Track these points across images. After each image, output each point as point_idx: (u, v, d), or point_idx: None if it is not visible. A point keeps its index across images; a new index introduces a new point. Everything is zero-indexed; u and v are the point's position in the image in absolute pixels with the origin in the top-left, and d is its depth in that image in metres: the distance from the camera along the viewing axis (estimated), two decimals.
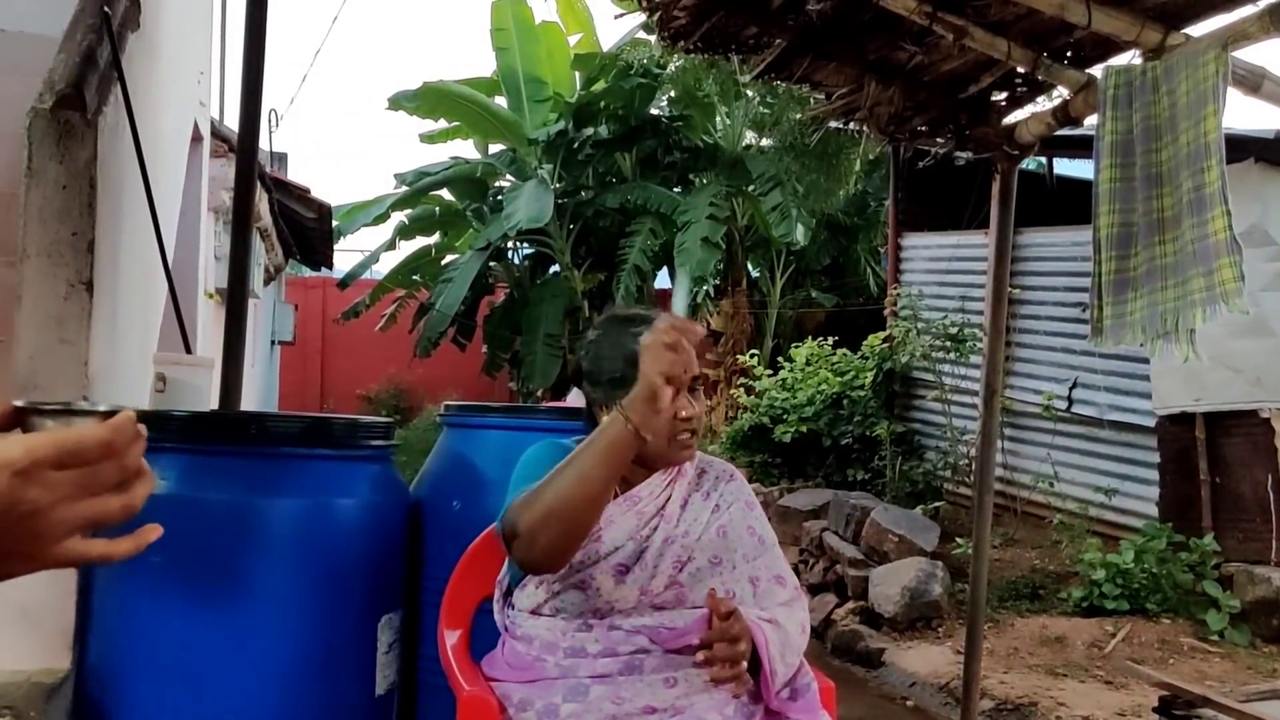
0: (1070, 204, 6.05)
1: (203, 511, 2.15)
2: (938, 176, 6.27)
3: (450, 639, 1.90)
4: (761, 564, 1.76)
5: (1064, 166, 7.37)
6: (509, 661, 1.71)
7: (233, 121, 6.53)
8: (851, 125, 3.61)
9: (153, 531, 0.75)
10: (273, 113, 13.78)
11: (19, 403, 0.72)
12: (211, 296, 5.52)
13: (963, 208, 6.82)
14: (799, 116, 8.39)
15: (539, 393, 10.92)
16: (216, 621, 2.13)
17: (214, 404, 2.99)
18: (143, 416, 2.25)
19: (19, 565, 0.72)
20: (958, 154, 3.47)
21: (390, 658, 2.34)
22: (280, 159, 12.04)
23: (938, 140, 3.36)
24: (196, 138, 4.74)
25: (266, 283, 9.35)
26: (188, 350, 3.14)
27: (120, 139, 2.61)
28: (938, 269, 7.43)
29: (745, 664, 1.57)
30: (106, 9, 2.54)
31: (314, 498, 2.25)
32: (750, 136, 11.30)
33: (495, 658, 1.75)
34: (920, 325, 6.91)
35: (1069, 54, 2.66)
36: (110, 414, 0.72)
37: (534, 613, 1.71)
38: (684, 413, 1.72)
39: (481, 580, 1.94)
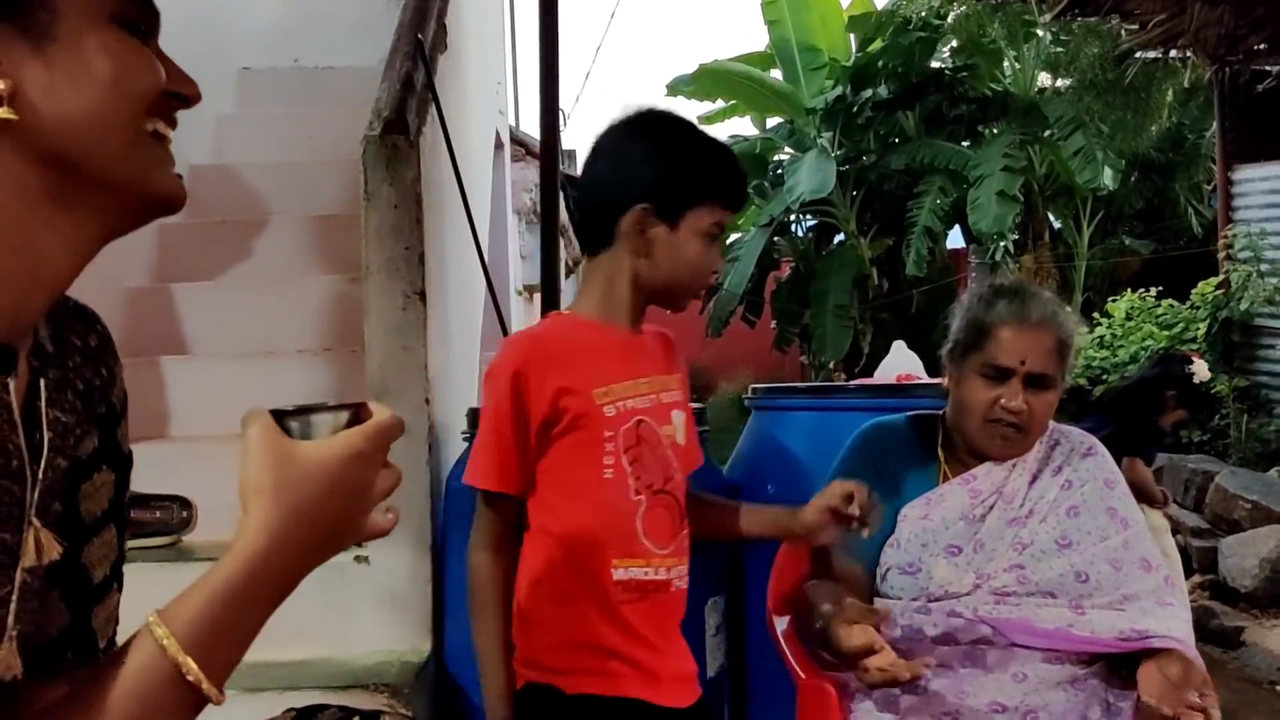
0: None
1: None
2: (1276, 99, 5.56)
3: (780, 625, 1.88)
4: (1121, 544, 1.60)
5: None
6: None
7: (526, 125, 6.89)
8: (1173, 54, 3.28)
9: (397, 512, 0.87)
10: (561, 113, 14.37)
11: (271, 408, 0.82)
12: (521, 293, 5.86)
13: None
14: (1098, 51, 7.73)
15: (830, 365, 10.78)
16: None
17: None
18: (479, 414, 2.36)
19: (349, 539, 0.82)
20: None
21: (718, 640, 2.37)
22: (570, 156, 12.57)
23: None
24: (498, 145, 5.03)
25: (566, 276, 9.82)
26: None
27: (438, 155, 2.80)
28: None
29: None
30: (420, 35, 2.72)
31: None
32: (1044, 79, 10.56)
33: None
34: (1264, 266, 6.18)
35: None
36: (341, 406, 0.82)
37: None
38: (1005, 402, 1.60)
39: (805, 565, 1.91)
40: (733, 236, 12.66)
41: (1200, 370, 3.66)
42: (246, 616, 0.77)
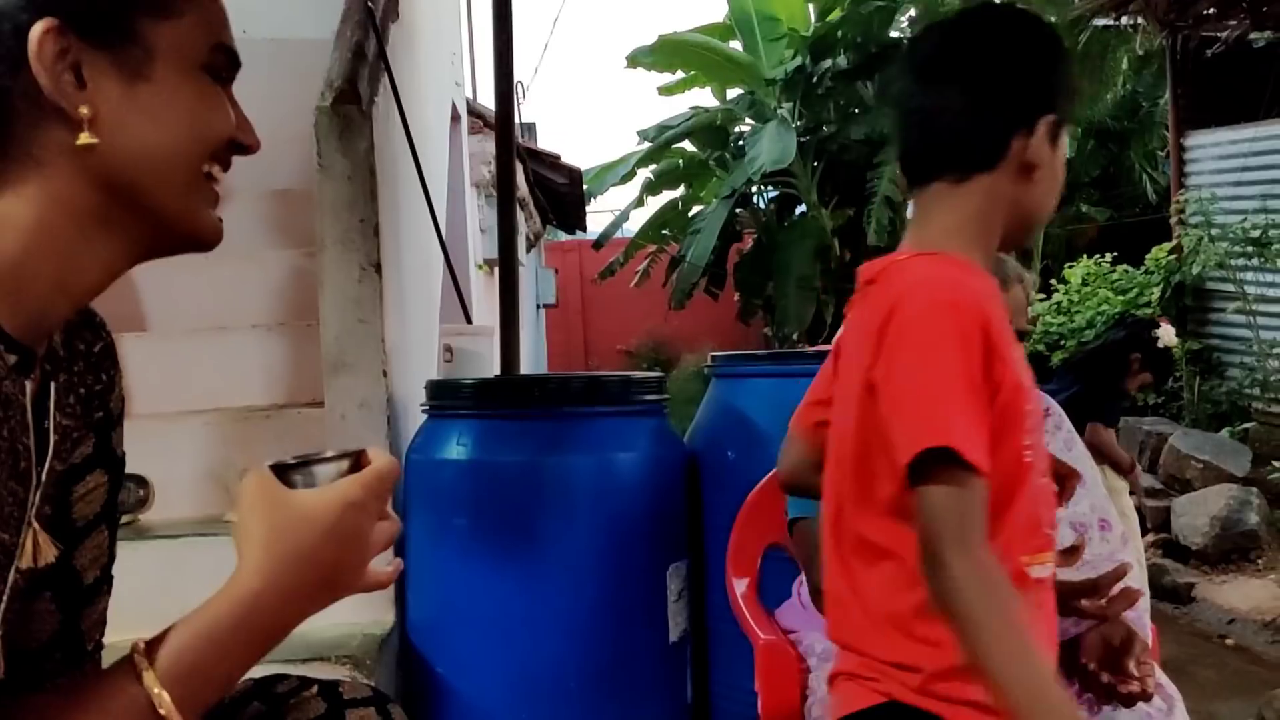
0: None
1: (497, 473, 2.27)
2: (1226, 65, 5.62)
3: (739, 587, 1.91)
4: (1084, 508, 1.62)
5: None
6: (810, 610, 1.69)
7: (484, 98, 6.83)
8: (1124, 20, 3.31)
9: (398, 565, 0.89)
10: (519, 85, 14.28)
11: (270, 463, 0.82)
12: (481, 268, 5.82)
13: (1258, 97, 6.10)
14: (1055, 19, 7.77)
15: (794, 336, 10.84)
16: (517, 575, 2.25)
17: (495, 369, 3.16)
18: (437, 386, 2.38)
19: (344, 590, 0.83)
20: (1254, 35, 3.11)
21: (680, 605, 2.40)
22: (529, 129, 12.49)
23: (1229, 23, 3.02)
24: (454, 117, 4.98)
25: (528, 250, 9.77)
26: (468, 321, 3.32)
27: (391, 126, 2.77)
28: (1231, 167, 6.70)
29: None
30: (370, 3, 2.69)
31: (597, 454, 2.32)
32: None
33: (792, 607, 1.75)
34: (1214, 231, 6.27)
35: None
36: (341, 455, 0.83)
37: None
38: None
39: (763, 529, 1.93)
40: (694, 209, 12.65)
41: (1166, 335, 3.70)
42: (230, 657, 0.78)
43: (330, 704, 1.05)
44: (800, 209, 11.81)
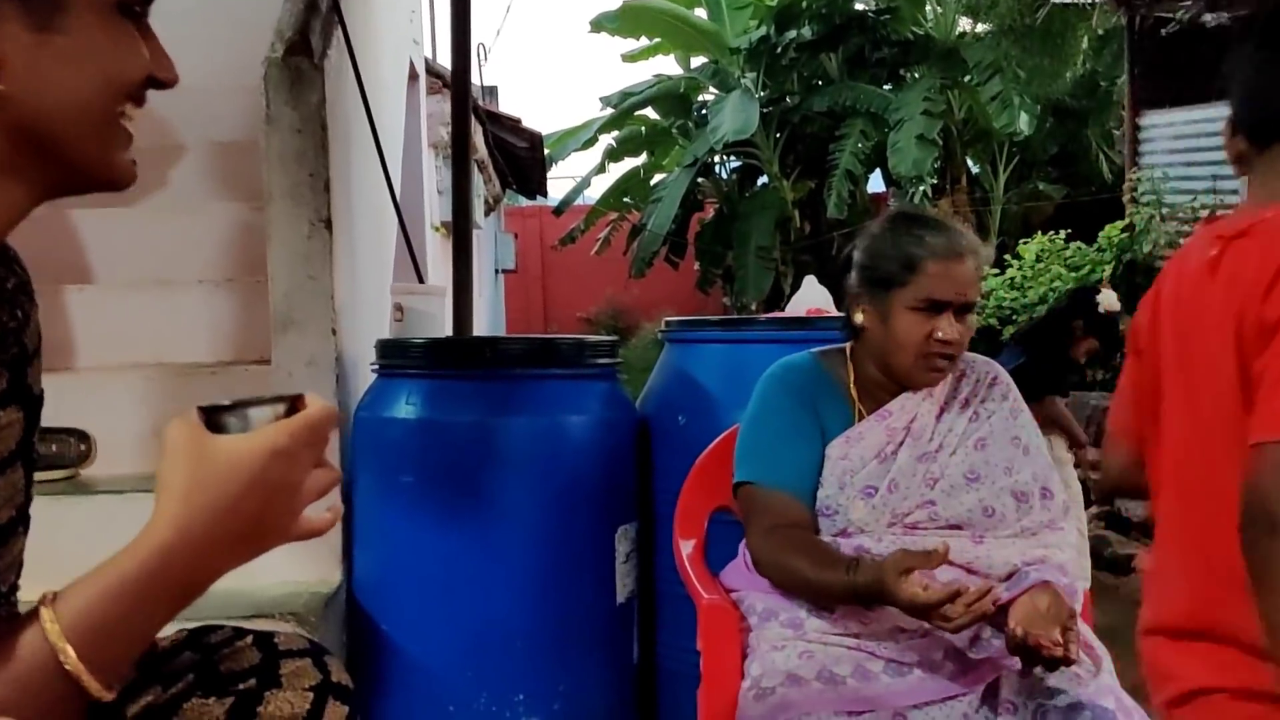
0: None
1: (446, 432, 2.26)
2: (1182, 45, 5.68)
3: (685, 548, 1.92)
4: (1026, 476, 1.62)
5: None
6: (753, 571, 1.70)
7: (444, 58, 6.72)
8: None
9: (337, 510, 0.85)
10: (480, 47, 14.09)
11: (202, 404, 0.80)
12: (438, 230, 5.76)
13: (1212, 77, 6.17)
14: None
15: (753, 306, 10.88)
16: (465, 535, 2.25)
17: (447, 330, 3.13)
18: (387, 345, 2.35)
19: (272, 540, 0.81)
20: (1207, 16, 3.14)
21: (628, 567, 2.41)
22: (491, 92, 12.35)
23: (1184, 3, 3.05)
24: (412, 76, 4.91)
25: (486, 214, 9.69)
26: (420, 281, 3.29)
27: (344, 81, 2.72)
28: (1183, 148, 6.79)
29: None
30: None
31: (547, 416, 2.32)
32: (964, 23, 10.65)
33: (736, 568, 1.76)
34: (1165, 210, 6.36)
35: None
36: (277, 399, 0.81)
37: None
38: (940, 334, 1.60)
39: (711, 491, 1.95)
40: (657, 177, 12.62)
41: (1107, 299, 3.73)
42: (142, 613, 0.76)
43: (265, 654, 1.04)
44: (762, 180, 11.82)
